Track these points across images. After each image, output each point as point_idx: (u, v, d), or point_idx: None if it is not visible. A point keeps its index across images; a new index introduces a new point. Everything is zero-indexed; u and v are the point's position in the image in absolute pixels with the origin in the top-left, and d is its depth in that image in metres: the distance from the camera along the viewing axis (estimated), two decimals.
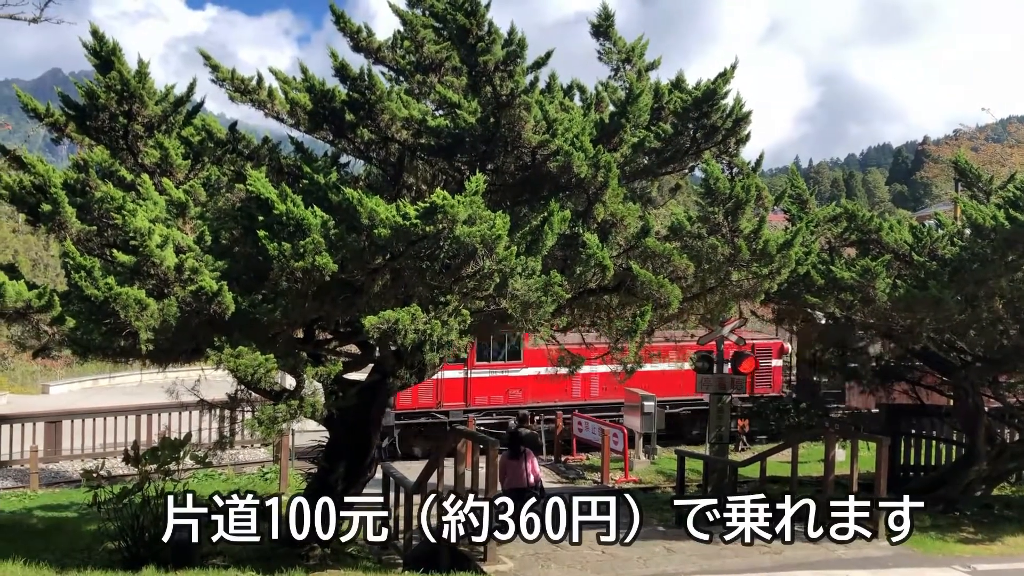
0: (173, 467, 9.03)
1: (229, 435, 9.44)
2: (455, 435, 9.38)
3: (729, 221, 8.66)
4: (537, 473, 11.10)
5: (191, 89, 8.85)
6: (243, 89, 8.81)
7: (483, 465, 8.55)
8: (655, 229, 8.73)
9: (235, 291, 7.01)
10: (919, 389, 14.54)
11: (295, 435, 16.58)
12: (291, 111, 8.77)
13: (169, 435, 10.92)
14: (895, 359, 14.08)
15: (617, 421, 18.76)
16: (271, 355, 7.00)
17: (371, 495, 9.69)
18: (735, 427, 19.12)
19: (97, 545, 9.44)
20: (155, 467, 8.89)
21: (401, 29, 9.35)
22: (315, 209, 7.02)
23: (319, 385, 7.93)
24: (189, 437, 9.49)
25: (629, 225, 8.62)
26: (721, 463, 13.86)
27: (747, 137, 9.43)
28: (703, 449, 16.70)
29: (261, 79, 8.87)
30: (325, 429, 10.51)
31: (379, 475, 10.72)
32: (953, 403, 14.56)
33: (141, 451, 9.09)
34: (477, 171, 7.55)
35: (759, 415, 19.46)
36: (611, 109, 9.40)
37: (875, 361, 13.93)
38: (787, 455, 12.52)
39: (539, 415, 19.68)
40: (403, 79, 9.54)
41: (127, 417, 16.99)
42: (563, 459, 19.04)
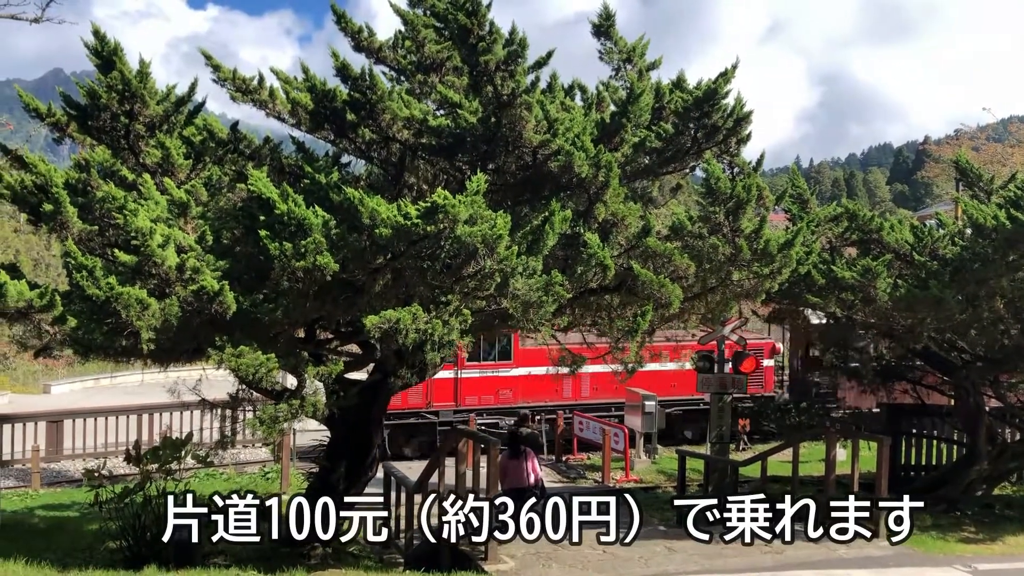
0: (175, 467, 9.03)
1: (230, 434, 9.48)
2: (456, 435, 9.38)
3: (730, 221, 8.66)
4: (538, 473, 11.09)
5: (192, 89, 8.85)
6: (244, 89, 8.83)
7: (484, 465, 8.57)
8: (656, 229, 8.73)
9: (236, 291, 7.02)
10: (920, 389, 14.55)
11: (296, 434, 16.59)
12: (292, 111, 8.78)
13: (171, 435, 10.92)
14: (896, 359, 14.08)
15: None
16: (272, 355, 7.01)
17: (372, 495, 9.70)
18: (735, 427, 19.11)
19: (99, 544, 9.44)
20: (156, 466, 8.89)
21: (402, 29, 9.37)
22: (316, 209, 7.02)
23: (320, 385, 7.93)
24: (190, 436, 9.50)
25: (630, 225, 8.62)
26: (722, 463, 13.87)
27: (748, 137, 9.45)
28: (699, 450, 16.72)
29: (262, 79, 8.89)
30: (326, 428, 10.52)
31: (380, 474, 10.73)
32: (954, 403, 14.57)
33: (143, 450, 9.09)
34: (478, 171, 7.55)
35: (760, 415, 19.48)
36: (612, 109, 9.40)
37: (876, 360, 13.93)
38: (788, 455, 12.53)
39: (539, 415, 19.66)
40: (404, 79, 9.55)
41: (128, 417, 17.01)
42: (564, 458, 19.04)
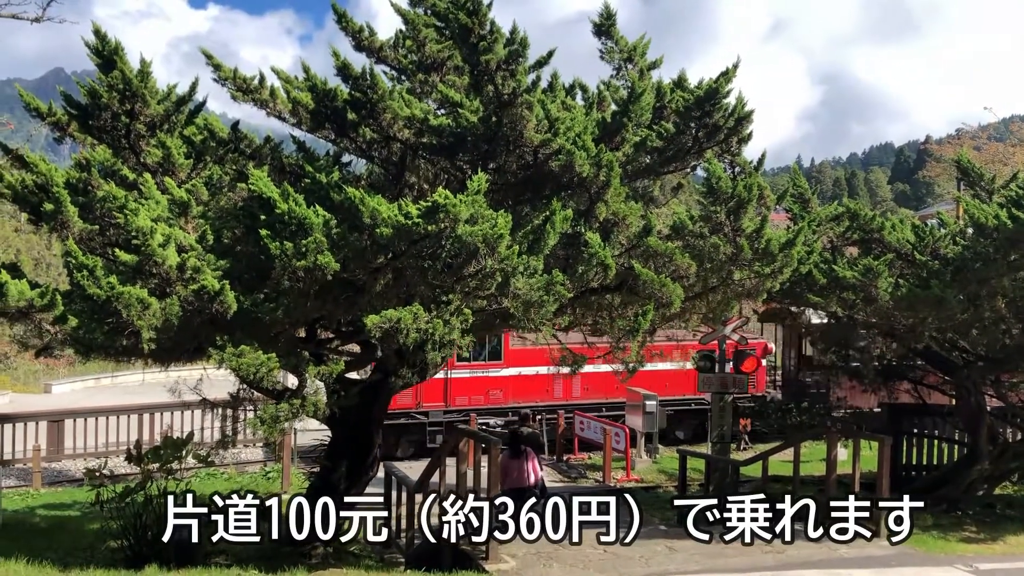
0: (175, 466, 9.04)
1: (231, 434, 9.46)
2: (457, 434, 9.37)
3: (731, 220, 8.65)
4: (538, 473, 11.09)
5: (193, 88, 8.85)
6: (245, 88, 8.82)
7: (484, 464, 8.56)
8: (657, 228, 8.72)
9: (237, 290, 7.02)
10: (921, 388, 14.53)
11: (297, 434, 16.59)
12: (293, 110, 8.78)
13: (171, 434, 10.90)
14: (897, 358, 14.07)
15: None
16: (273, 354, 7.01)
17: (373, 494, 9.70)
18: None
19: (100, 544, 9.45)
20: (157, 466, 8.90)
21: (403, 28, 9.36)
22: (317, 208, 7.01)
23: (321, 384, 7.93)
24: (191, 436, 9.50)
25: (631, 224, 8.62)
26: (723, 462, 13.86)
27: (749, 136, 9.44)
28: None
29: (263, 78, 8.88)
30: (327, 428, 10.52)
31: (381, 474, 10.72)
32: (955, 402, 14.55)
33: (143, 450, 9.10)
34: (479, 170, 7.54)
35: (759, 414, 19.48)
36: (613, 108, 9.39)
37: (877, 360, 13.92)
38: (789, 454, 12.52)
39: (539, 415, 19.62)
40: (405, 78, 9.54)
41: (129, 416, 17.01)
42: (565, 458, 19.04)
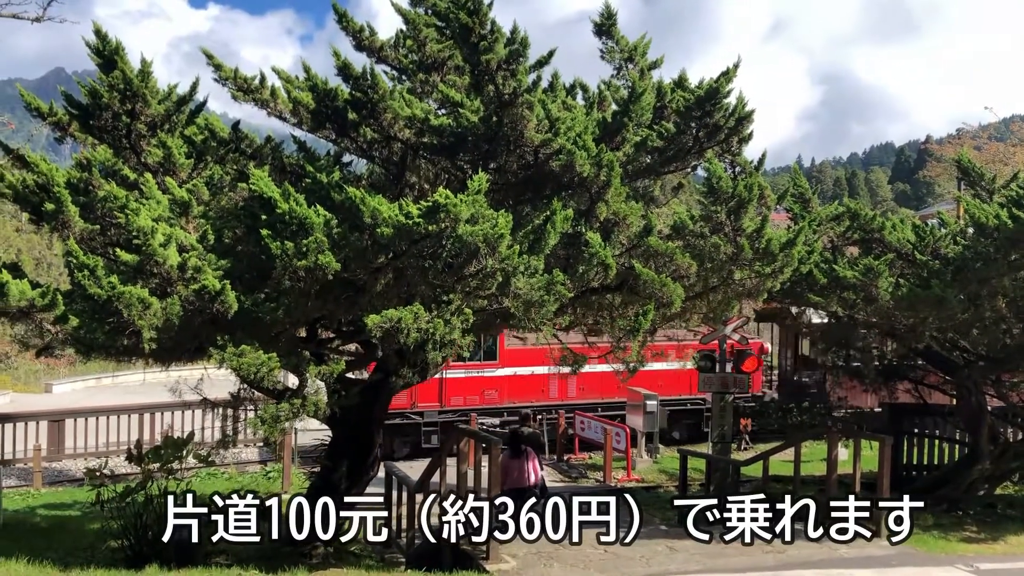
0: (176, 466, 9.04)
1: (232, 434, 9.45)
2: (458, 434, 9.37)
3: (732, 220, 8.65)
4: (539, 472, 11.08)
5: (194, 88, 8.85)
6: (246, 88, 8.83)
7: (485, 464, 8.56)
8: (658, 228, 8.72)
9: (238, 290, 7.02)
10: (922, 388, 14.53)
11: (298, 434, 16.60)
12: (294, 110, 8.78)
13: (172, 434, 10.91)
14: (898, 358, 14.07)
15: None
16: (274, 354, 7.01)
17: (374, 494, 9.70)
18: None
19: (100, 544, 9.45)
20: (158, 466, 8.90)
21: (403, 28, 9.37)
22: (318, 208, 7.02)
23: (322, 384, 7.93)
24: (192, 436, 9.50)
25: (632, 224, 8.62)
26: (724, 462, 13.86)
27: (750, 136, 9.44)
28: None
29: (264, 78, 8.89)
30: (328, 428, 10.52)
31: (382, 474, 10.72)
32: (956, 402, 14.54)
33: (144, 450, 9.10)
34: (480, 170, 7.54)
35: (762, 414, 19.48)
36: (614, 108, 9.39)
37: (878, 360, 13.92)
38: (790, 454, 12.51)
39: (540, 415, 19.60)
40: (406, 78, 9.54)
41: (130, 416, 17.03)
42: (566, 458, 19.04)
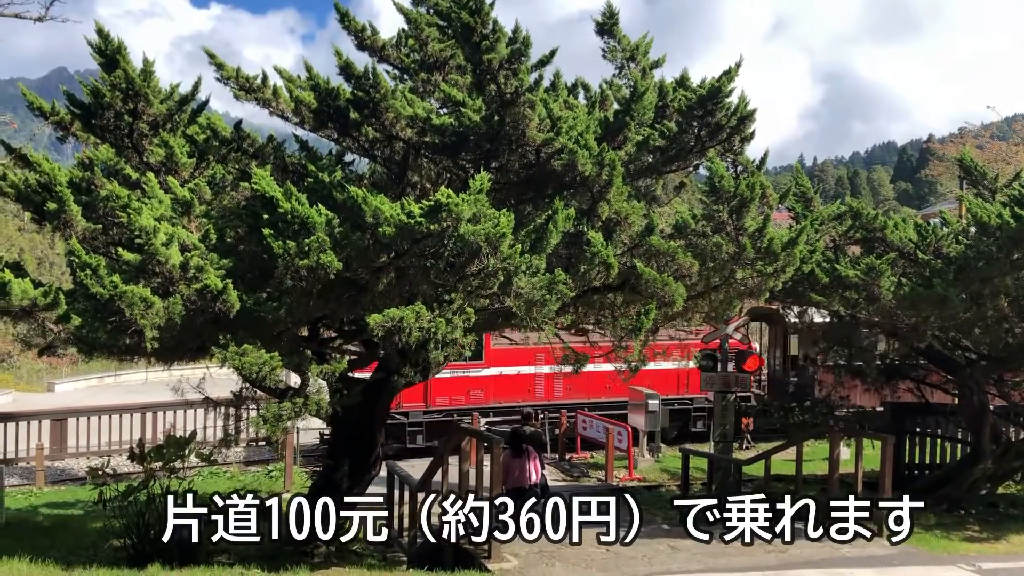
0: (178, 465, 9.05)
1: (234, 433, 9.48)
2: (459, 433, 9.38)
3: (734, 219, 8.65)
4: (540, 472, 11.07)
5: (196, 88, 8.86)
6: (248, 87, 8.83)
7: (487, 464, 8.56)
8: (659, 227, 8.72)
9: (240, 289, 7.03)
10: (924, 387, 14.52)
11: (300, 433, 16.61)
12: (296, 109, 8.79)
13: (174, 433, 10.95)
14: (900, 357, 14.06)
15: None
16: (276, 353, 7.02)
17: (375, 494, 9.70)
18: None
19: (102, 542, 9.47)
20: (160, 465, 8.91)
21: (405, 27, 9.36)
22: (320, 207, 7.02)
23: (324, 383, 7.94)
24: (194, 435, 9.52)
25: (633, 223, 8.62)
26: (726, 461, 13.86)
27: (751, 135, 9.43)
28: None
29: (266, 77, 8.90)
30: (329, 427, 10.52)
31: (383, 473, 10.73)
32: (958, 401, 14.53)
33: (146, 449, 9.12)
34: (481, 169, 7.54)
35: (764, 414, 19.46)
36: (615, 107, 9.39)
37: (880, 359, 13.91)
38: (792, 453, 12.51)
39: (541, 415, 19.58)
40: (407, 77, 9.54)
41: (132, 415, 17.06)
42: (568, 457, 19.04)
